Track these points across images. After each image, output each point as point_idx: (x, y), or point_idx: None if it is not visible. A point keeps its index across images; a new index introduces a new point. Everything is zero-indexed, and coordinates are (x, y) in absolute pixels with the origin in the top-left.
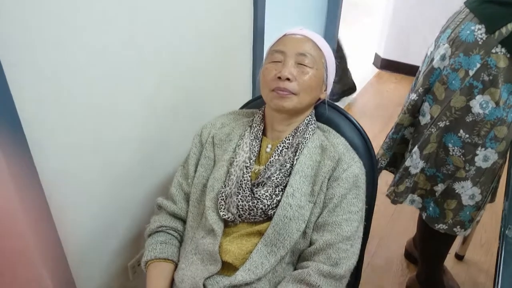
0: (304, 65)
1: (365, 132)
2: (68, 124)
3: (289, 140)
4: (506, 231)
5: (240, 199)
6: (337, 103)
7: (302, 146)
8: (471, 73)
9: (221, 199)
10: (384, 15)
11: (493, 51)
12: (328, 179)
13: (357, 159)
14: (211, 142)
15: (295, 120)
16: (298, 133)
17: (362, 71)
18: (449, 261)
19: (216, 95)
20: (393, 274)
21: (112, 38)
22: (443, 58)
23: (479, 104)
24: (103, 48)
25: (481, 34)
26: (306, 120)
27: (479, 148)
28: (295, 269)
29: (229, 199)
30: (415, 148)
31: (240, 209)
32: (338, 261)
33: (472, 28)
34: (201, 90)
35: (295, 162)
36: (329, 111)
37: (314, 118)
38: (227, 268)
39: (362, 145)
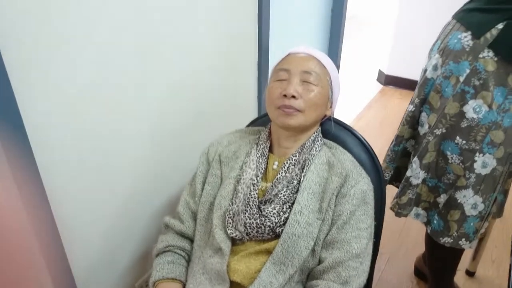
0: (309, 83)
1: (371, 148)
2: (75, 144)
3: (296, 156)
4: None
5: (248, 216)
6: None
7: (309, 162)
8: (461, 79)
9: (228, 217)
10: (387, 32)
11: (480, 55)
12: (336, 196)
13: (364, 175)
14: (218, 160)
15: (301, 137)
16: (304, 150)
17: (366, 87)
18: (460, 278)
19: (222, 114)
20: None
21: (120, 57)
22: (435, 68)
23: (473, 109)
24: (111, 67)
25: (467, 41)
26: (313, 136)
27: (477, 154)
28: None
29: (236, 217)
30: (415, 158)
31: (248, 227)
32: (348, 279)
33: (459, 36)
34: (207, 109)
35: (302, 179)
36: (335, 128)
37: (321, 135)
38: (236, 287)
39: (369, 161)
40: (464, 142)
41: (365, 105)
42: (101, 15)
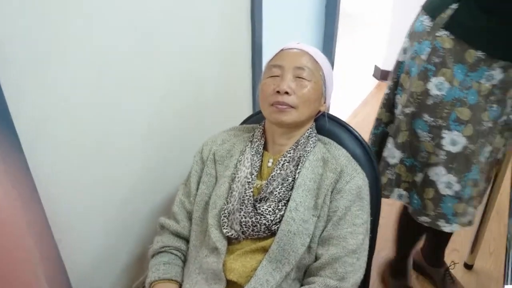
0: (302, 78)
1: (366, 143)
2: (69, 144)
3: (290, 153)
4: None
5: (243, 215)
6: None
7: (304, 159)
8: (424, 57)
9: (223, 216)
10: (382, 28)
11: (437, 34)
12: (331, 192)
13: (359, 171)
14: (212, 159)
15: (295, 134)
16: (299, 147)
17: (362, 83)
18: (459, 271)
19: (216, 112)
20: None
21: (115, 57)
22: (405, 51)
23: (435, 86)
24: (106, 68)
25: (427, 23)
26: (307, 133)
27: (444, 131)
28: (301, 285)
29: (232, 216)
30: (389, 138)
31: (243, 226)
32: (344, 275)
33: (421, 19)
34: (201, 107)
35: (297, 176)
36: (329, 123)
37: (315, 131)
38: (232, 286)
39: (364, 156)
40: (431, 119)
41: (361, 101)
42: (96, 15)
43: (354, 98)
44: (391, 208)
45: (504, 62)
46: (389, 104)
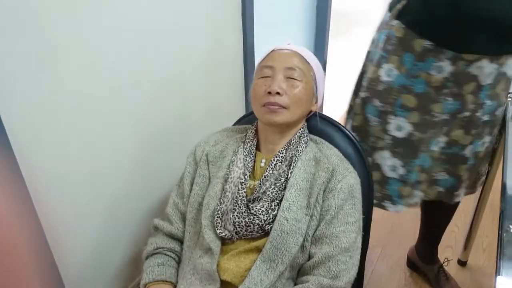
0: (293, 79)
1: (358, 142)
2: (61, 147)
3: (283, 153)
4: (504, 234)
5: (237, 215)
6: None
7: (296, 159)
8: (380, 45)
9: (217, 217)
10: (375, 26)
11: (392, 24)
12: (324, 191)
13: (351, 170)
14: (205, 160)
15: (287, 134)
16: (291, 146)
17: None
18: (452, 268)
19: (209, 113)
20: (396, 283)
21: (105, 59)
22: (372, 41)
23: (385, 72)
24: (96, 70)
25: (387, 14)
26: (299, 133)
27: (390, 116)
28: (295, 284)
29: (225, 216)
30: (347, 119)
31: (237, 226)
32: (338, 274)
33: (385, 13)
34: (194, 108)
35: (289, 176)
36: (321, 123)
37: (307, 131)
38: (226, 286)
39: (356, 155)
40: (381, 105)
41: None
42: (87, 17)
43: (348, 97)
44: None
45: (451, 53)
46: (357, 91)
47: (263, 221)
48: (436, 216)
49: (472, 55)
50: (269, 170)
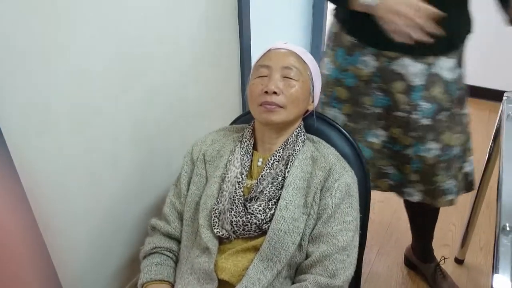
0: (290, 78)
1: (355, 141)
2: (58, 146)
3: (280, 153)
4: (501, 232)
5: (234, 215)
6: None
7: (293, 158)
8: (326, 41)
9: (214, 216)
10: None
11: (332, 21)
12: (321, 190)
13: (348, 169)
14: (202, 160)
15: (284, 133)
16: (288, 146)
17: None
18: (449, 266)
19: (206, 112)
20: (394, 282)
21: (101, 58)
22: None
23: (325, 66)
24: (91, 69)
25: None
26: (295, 132)
27: (328, 107)
28: (292, 283)
29: (222, 216)
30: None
31: (234, 225)
32: (335, 272)
33: None
34: (190, 108)
35: (286, 175)
36: (317, 122)
37: (304, 130)
38: (224, 286)
39: (352, 154)
40: (322, 97)
41: None
42: (80, 19)
43: None
44: (383, 204)
45: (374, 49)
46: None
47: (260, 220)
48: (419, 218)
49: (392, 53)
50: (266, 169)
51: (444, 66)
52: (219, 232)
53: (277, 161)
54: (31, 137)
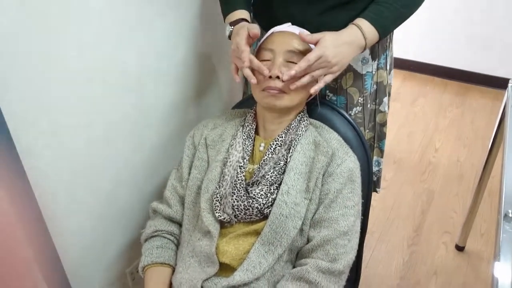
0: (294, 63)
1: (358, 126)
2: (58, 132)
3: (282, 137)
4: (502, 219)
5: (235, 199)
6: None
7: (295, 143)
8: None
9: (216, 200)
10: None
11: None
12: (323, 175)
13: (351, 154)
14: (204, 144)
15: (287, 118)
16: (290, 130)
17: None
18: (450, 253)
19: (207, 97)
20: (394, 268)
21: (101, 48)
22: None
23: None
24: (93, 57)
25: None
26: (298, 117)
27: None
28: (293, 267)
29: (224, 200)
30: None
31: (236, 209)
32: (336, 257)
33: None
34: (192, 92)
35: (288, 160)
36: (321, 107)
37: (307, 115)
38: (225, 269)
39: (355, 139)
40: None
41: None
42: (83, 13)
43: None
44: (385, 191)
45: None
46: None
47: (262, 204)
48: None
49: None
50: (268, 154)
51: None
52: (221, 216)
53: (279, 146)
54: (34, 126)
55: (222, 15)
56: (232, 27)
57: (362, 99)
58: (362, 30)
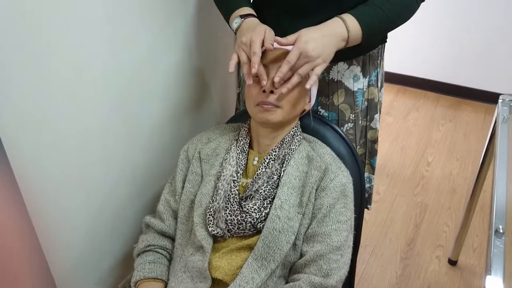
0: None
1: (350, 142)
2: (52, 143)
3: (276, 152)
4: (494, 234)
5: (229, 213)
6: None
7: (289, 157)
8: None
9: (209, 215)
10: None
11: None
12: (316, 190)
13: (343, 169)
14: (197, 158)
15: (280, 133)
16: (284, 145)
17: None
18: (443, 267)
19: (202, 111)
20: (387, 282)
21: (96, 55)
22: None
23: None
24: (87, 69)
25: None
26: (292, 131)
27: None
28: (286, 282)
29: (217, 214)
30: None
31: (229, 224)
32: (329, 272)
33: None
34: (186, 106)
35: (282, 174)
36: (314, 122)
37: (300, 130)
38: (218, 284)
39: (348, 154)
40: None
41: None
42: (79, 13)
43: None
44: (377, 205)
45: None
46: None
47: (255, 219)
48: None
49: None
50: (262, 168)
51: (345, 73)
52: (214, 231)
53: (272, 160)
54: (26, 136)
55: (224, 13)
56: (243, 19)
57: (353, 116)
58: (346, 22)
